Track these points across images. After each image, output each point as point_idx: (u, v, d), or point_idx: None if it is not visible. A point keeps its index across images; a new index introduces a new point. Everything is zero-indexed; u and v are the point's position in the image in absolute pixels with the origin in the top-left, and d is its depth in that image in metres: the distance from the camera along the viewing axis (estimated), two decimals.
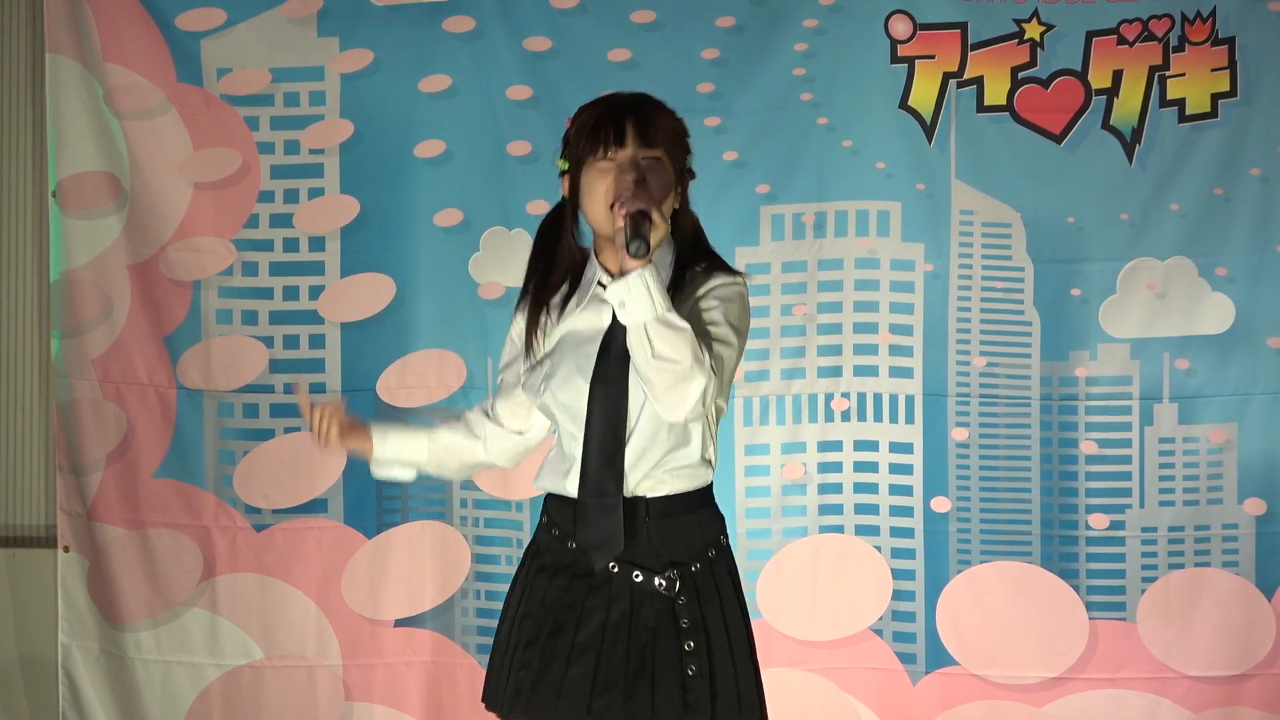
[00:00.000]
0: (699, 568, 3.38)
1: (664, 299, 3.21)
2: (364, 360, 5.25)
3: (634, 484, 3.35)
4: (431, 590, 5.26)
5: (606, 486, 3.33)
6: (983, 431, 5.20)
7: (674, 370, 3.22)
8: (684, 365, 3.21)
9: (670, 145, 3.35)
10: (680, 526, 3.38)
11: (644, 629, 3.32)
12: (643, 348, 3.22)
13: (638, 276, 3.20)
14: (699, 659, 3.34)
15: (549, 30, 5.19)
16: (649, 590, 3.34)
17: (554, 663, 3.33)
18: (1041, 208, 5.19)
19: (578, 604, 3.35)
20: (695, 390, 3.23)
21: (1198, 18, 5.13)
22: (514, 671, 3.38)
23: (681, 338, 3.21)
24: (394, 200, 5.24)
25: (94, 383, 5.26)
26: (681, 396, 3.23)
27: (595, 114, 3.36)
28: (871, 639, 5.21)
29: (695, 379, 3.22)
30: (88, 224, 5.26)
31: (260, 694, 5.28)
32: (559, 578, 3.38)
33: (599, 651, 3.32)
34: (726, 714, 3.36)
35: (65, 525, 5.29)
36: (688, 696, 3.32)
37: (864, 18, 5.17)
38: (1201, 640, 5.16)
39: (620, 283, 3.21)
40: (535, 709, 3.34)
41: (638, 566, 3.34)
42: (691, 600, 3.35)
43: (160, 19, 5.22)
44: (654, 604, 3.34)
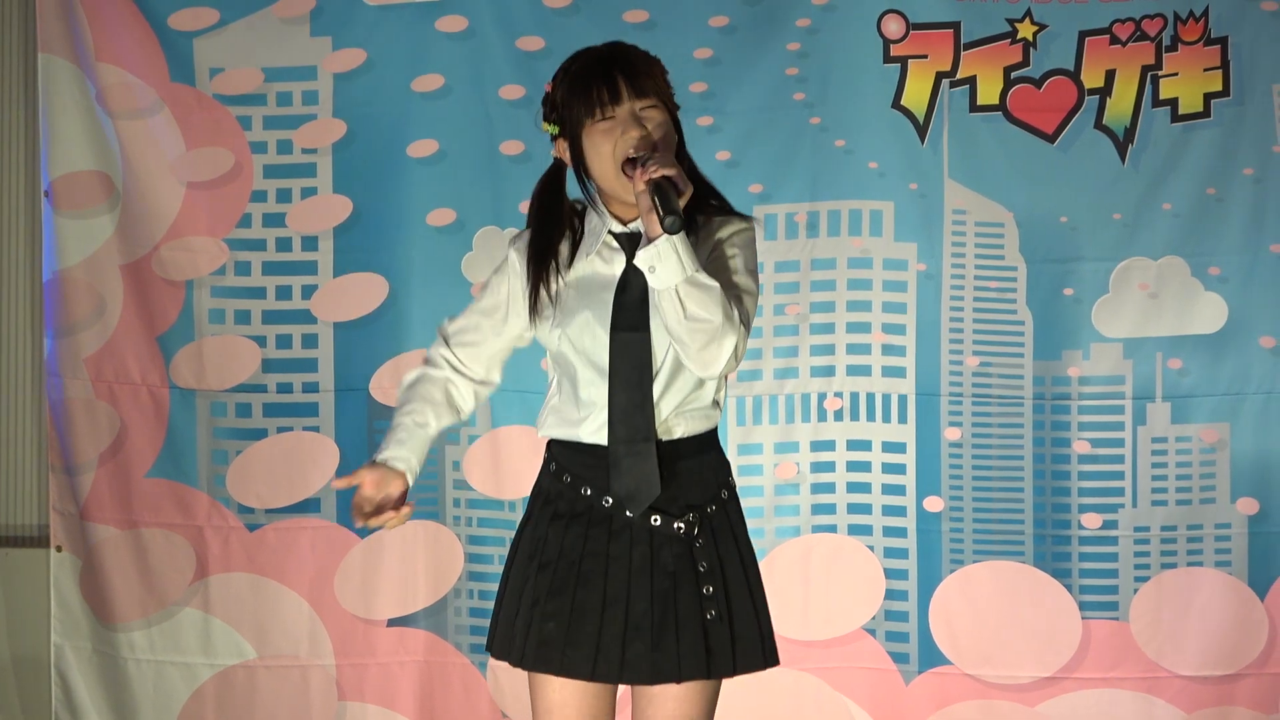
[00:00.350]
0: (714, 509, 3.39)
1: (692, 259, 3.22)
2: (357, 360, 5.25)
3: (666, 429, 3.36)
4: (424, 590, 5.26)
5: (640, 432, 3.33)
6: (975, 431, 5.21)
7: (707, 329, 3.23)
8: (716, 323, 3.22)
9: (661, 90, 3.35)
10: (694, 468, 3.38)
11: (664, 573, 3.33)
12: (675, 310, 3.23)
13: (666, 240, 3.20)
14: (718, 603, 3.34)
15: (541, 30, 5.19)
16: (667, 534, 3.34)
17: (586, 617, 3.33)
18: (1034, 207, 5.19)
19: (601, 553, 3.34)
20: (729, 346, 3.24)
21: (1190, 17, 5.14)
22: (538, 623, 3.36)
23: (712, 296, 3.22)
24: (387, 200, 5.24)
25: (87, 382, 5.25)
26: (716, 354, 3.25)
27: (581, 73, 3.33)
28: (864, 638, 5.21)
29: (728, 336, 3.24)
30: (80, 223, 5.26)
31: (253, 694, 5.28)
32: (575, 525, 3.37)
33: (626, 601, 3.32)
34: (747, 656, 3.37)
35: (58, 525, 5.28)
36: (709, 641, 3.32)
37: (857, 17, 5.17)
38: (1194, 640, 5.17)
39: (650, 249, 3.21)
40: (572, 666, 3.34)
41: (655, 510, 3.34)
42: (708, 542, 3.36)
43: (153, 18, 5.21)
44: (673, 548, 3.34)
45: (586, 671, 3.33)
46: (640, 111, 3.31)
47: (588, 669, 3.33)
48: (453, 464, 5.24)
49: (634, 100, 3.31)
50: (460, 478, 5.23)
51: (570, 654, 3.33)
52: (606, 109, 3.31)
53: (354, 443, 5.25)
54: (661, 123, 3.33)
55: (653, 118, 3.32)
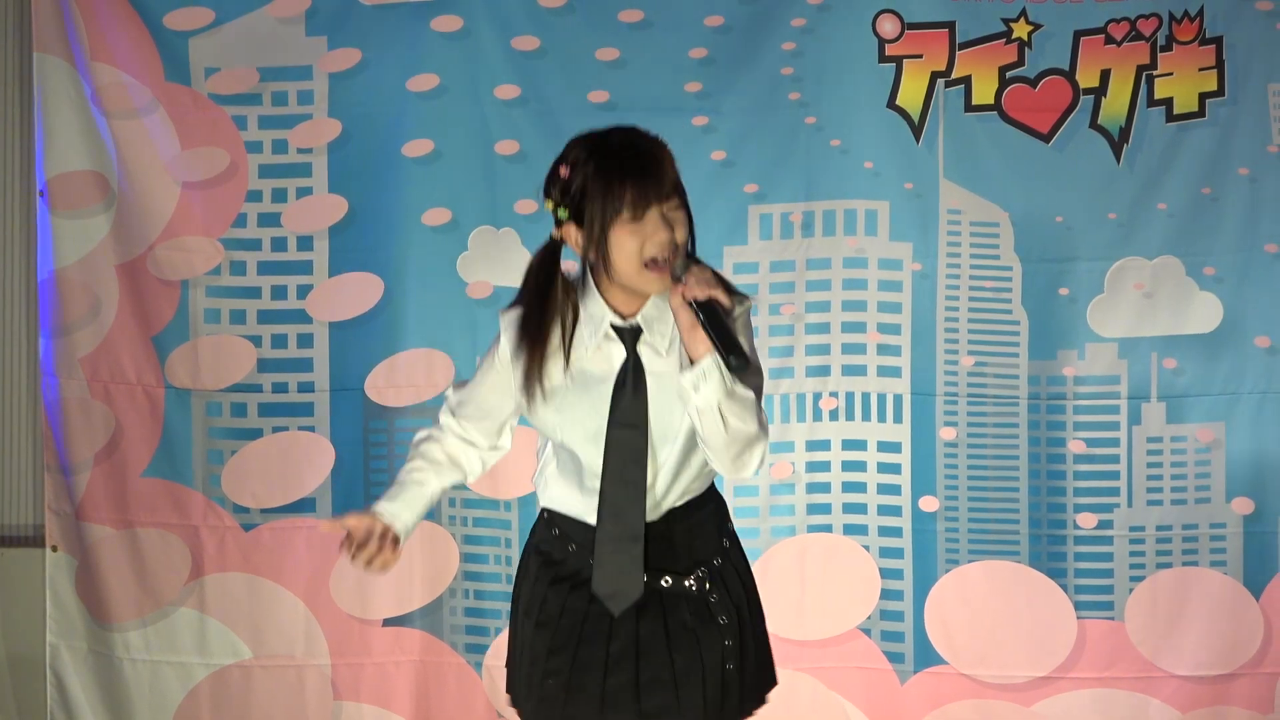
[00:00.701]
0: (720, 562, 3.42)
1: (731, 377, 3.22)
2: (352, 359, 5.25)
3: (664, 508, 3.38)
4: (420, 590, 5.26)
5: (628, 530, 3.34)
6: (971, 431, 5.21)
7: (744, 438, 3.26)
8: (752, 431, 3.26)
9: (680, 187, 3.32)
10: (698, 524, 3.41)
11: (683, 630, 3.35)
12: (716, 425, 3.24)
13: (711, 361, 3.21)
14: (734, 655, 3.38)
15: (537, 29, 5.18)
16: (680, 593, 3.37)
17: (590, 671, 3.35)
18: (1029, 207, 5.19)
19: (604, 615, 3.36)
20: (759, 452, 3.30)
21: (1185, 17, 5.14)
22: (541, 680, 3.38)
23: (748, 407, 3.26)
24: (382, 199, 5.24)
25: (82, 382, 5.25)
26: (748, 460, 3.29)
27: (609, 171, 3.27)
28: (860, 638, 5.21)
29: (760, 441, 3.29)
30: (75, 223, 5.25)
31: (249, 694, 5.28)
32: (582, 589, 3.38)
33: (636, 659, 3.34)
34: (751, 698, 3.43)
35: (53, 525, 5.28)
36: (724, 693, 3.36)
37: (852, 17, 5.17)
38: (1189, 639, 5.17)
39: (696, 370, 3.22)
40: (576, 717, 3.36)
41: (665, 572, 3.36)
42: (722, 595, 3.39)
43: (148, 18, 5.21)
44: (689, 605, 3.37)
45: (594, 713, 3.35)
46: (667, 213, 3.29)
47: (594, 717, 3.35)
48: None
49: (661, 203, 3.28)
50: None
51: (570, 709, 3.35)
52: (637, 210, 3.26)
53: (349, 442, 5.25)
54: (684, 221, 3.31)
55: (678, 219, 3.30)
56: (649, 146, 3.30)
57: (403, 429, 5.24)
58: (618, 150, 3.29)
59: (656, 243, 3.26)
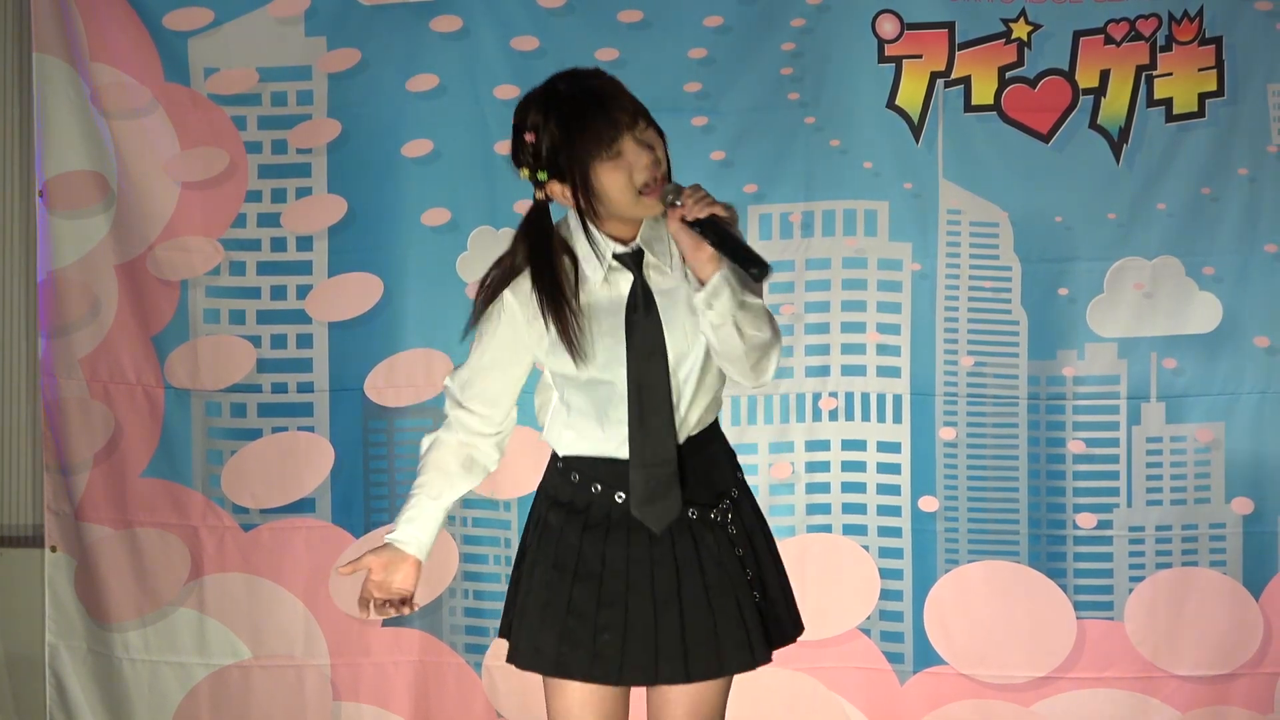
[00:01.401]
0: (737, 493, 3.46)
1: (739, 282, 3.27)
2: (351, 359, 5.25)
3: (685, 431, 3.40)
4: (420, 590, 5.24)
5: (662, 455, 3.36)
6: (970, 431, 5.21)
7: (761, 346, 3.31)
8: (767, 337, 3.31)
9: (640, 107, 3.36)
10: (713, 456, 3.45)
11: (712, 562, 3.37)
12: (733, 338, 3.28)
13: (720, 278, 3.26)
14: (758, 585, 3.41)
15: (536, 30, 5.19)
16: (705, 523, 3.39)
17: (638, 623, 3.35)
18: (1029, 207, 5.19)
19: (644, 559, 3.37)
20: (775, 356, 3.35)
21: (1185, 17, 5.14)
22: (596, 634, 3.36)
23: (760, 314, 3.31)
24: (382, 200, 5.24)
25: (81, 382, 5.25)
26: (766, 366, 3.34)
27: (572, 114, 3.31)
28: (859, 638, 5.21)
29: (775, 345, 3.35)
30: (75, 223, 5.25)
31: (248, 694, 5.28)
32: (615, 532, 3.39)
33: (680, 600, 3.36)
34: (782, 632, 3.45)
35: (53, 525, 5.28)
36: (765, 624, 3.39)
37: (851, 17, 5.17)
38: (1189, 640, 5.17)
39: (706, 290, 3.26)
40: (631, 675, 3.37)
41: (691, 504, 3.38)
42: (740, 528, 3.42)
43: (147, 18, 5.21)
44: (715, 534, 3.39)
45: (650, 676, 3.37)
46: (639, 136, 3.32)
47: (650, 674, 3.36)
48: None
49: (631, 130, 3.31)
50: None
51: (627, 665, 3.36)
52: (611, 146, 3.30)
53: (349, 442, 5.25)
54: (657, 138, 3.35)
55: (650, 138, 3.34)
56: (597, 84, 3.35)
57: (402, 429, 5.24)
58: (570, 97, 3.32)
59: (642, 168, 3.30)
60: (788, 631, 3.47)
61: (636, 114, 3.33)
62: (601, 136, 3.29)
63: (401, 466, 5.25)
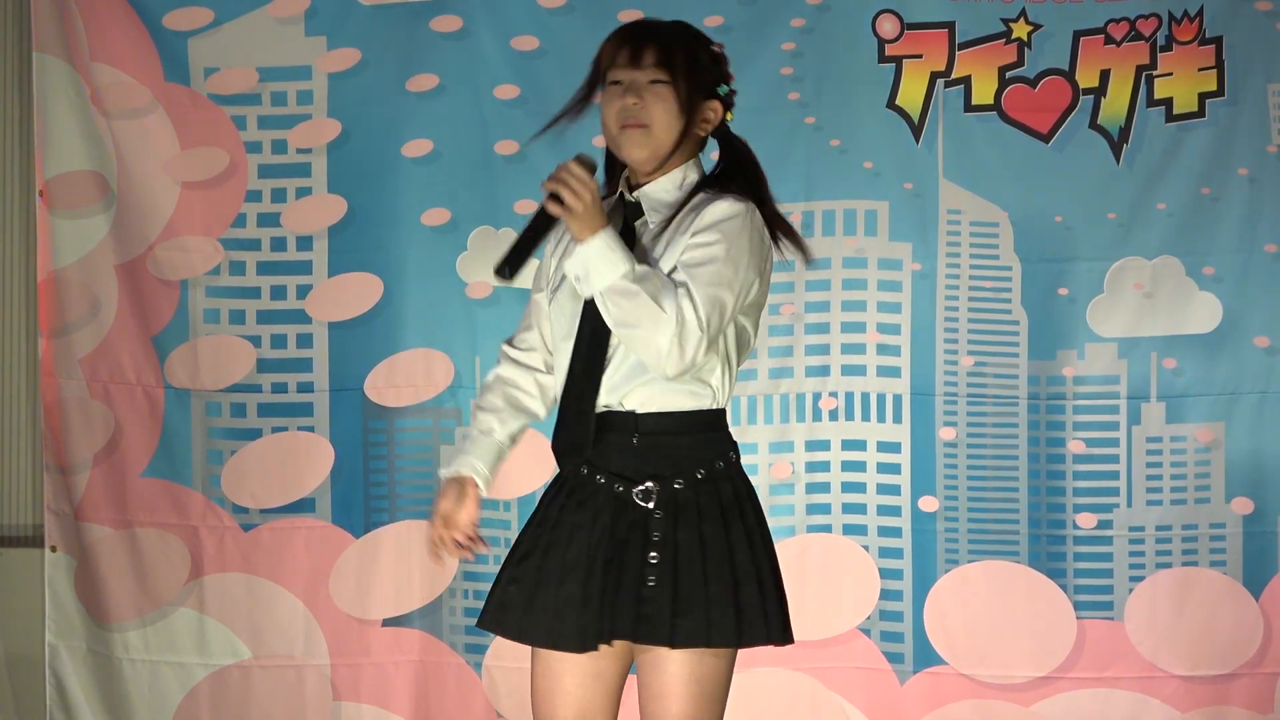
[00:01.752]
0: (681, 485, 3.34)
1: (611, 268, 3.23)
2: (351, 360, 5.25)
3: (621, 395, 3.34)
4: (419, 590, 5.26)
5: (584, 393, 3.34)
6: (970, 431, 5.20)
7: (635, 333, 3.24)
8: (640, 328, 3.23)
9: (679, 71, 3.34)
10: (671, 444, 3.35)
11: (616, 541, 3.32)
12: (605, 315, 3.25)
13: (580, 251, 3.25)
14: (660, 572, 3.29)
15: (536, 29, 5.18)
16: (626, 501, 3.33)
17: (544, 582, 3.34)
18: (1029, 207, 5.19)
19: (567, 521, 3.36)
20: (663, 347, 3.23)
21: (1185, 17, 5.14)
22: (504, 584, 3.38)
23: (636, 301, 3.23)
24: (381, 200, 5.24)
25: (81, 382, 5.25)
26: (653, 354, 3.24)
27: (616, 35, 3.38)
28: (859, 638, 5.21)
29: (658, 337, 3.23)
30: (75, 223, 5.25)
31: (248, 694, 5.28)
32: (562, 493, 3.38)
33: (586, 568, 3.32)
34: (691, 632, 3.30)
35: (52, 525, 5.28)
36: (641, 607, 3.29)
37: (851, 17, 5.17)
38: (1189, 640, 5.16)
39: (574, 260, 3.26)
40: (530, 632, 3.35)
41: (620, 478, 3.33)
42: (668, 518, 3.32)
43: (147, 18, 5.21)
44: (629, 515, 3.33)
45: (543, 639, 3.34)
46: (651, 82, 3.33)
47: (544, 636, 3.34)
48: None
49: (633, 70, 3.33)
50: None
51: (526, 621, 3.35)
52: (618, 71, 3.34)
53: (349, 442, 5.25)
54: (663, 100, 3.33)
55: (658, 92, 3.33)
56: (666, 26, 3.39)
57: (402, 429, 5.24)
58: (635, 23, 3.42)
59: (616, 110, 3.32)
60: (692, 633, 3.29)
61: (655, 63, 3.33)
62: (615, 58, 3.34)
63: (401, 466, 5.25)
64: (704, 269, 3.29)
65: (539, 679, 3.40)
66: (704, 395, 3.38)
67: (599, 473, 3.35)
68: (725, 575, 3.33)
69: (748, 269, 3.35)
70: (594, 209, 3.25)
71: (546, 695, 3.40)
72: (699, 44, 3.41)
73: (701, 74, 3.38)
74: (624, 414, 3.35)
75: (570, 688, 3.39)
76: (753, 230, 3.37)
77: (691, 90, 3.36)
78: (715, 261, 3.30)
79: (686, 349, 3.24)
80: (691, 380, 3.35)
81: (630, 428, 3.35)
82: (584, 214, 3.24)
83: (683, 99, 3.35)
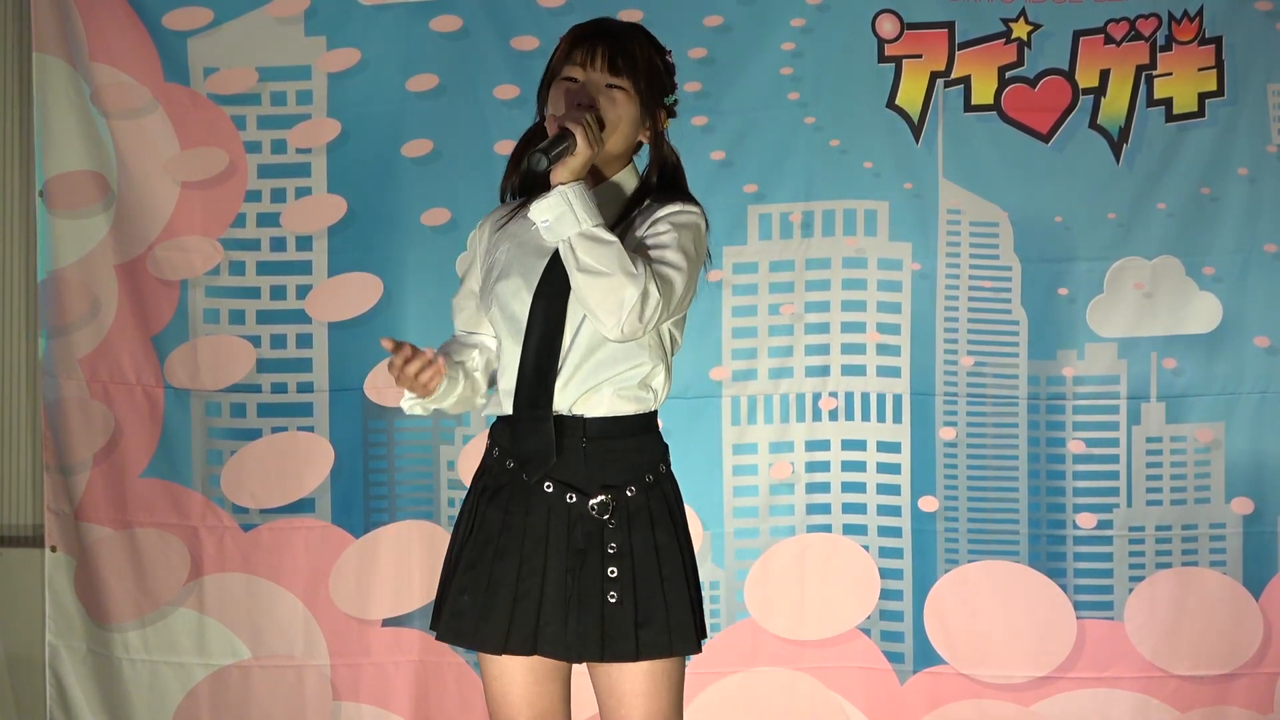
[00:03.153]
0: (633, 492, 3.38)
1: (589, 215, 3.25)
2: (351, 360, 5.25)
3: (570, 400, 3.36)
4: (419, 590, 5.26)
5: (539, 399, 3.35)
6: (970, 431, 5.21)
7: (602, 282, 3.24)
8: (612, 277, 3.23)
9: (640, 78, 3.37)
10: (617, 450, 3.38)
11: (574, 552, 3.34)
12: (570, 261, 3.26)
13: (559, 193, 3.25)
14: (621, 586, 3.34)
15: (536, 29, 5.19)
16: (581, 512, 3.35)
17: (500, 591, 3.35)
18: (1029, 207, 5.19)
19: (518, 527, 3.37)
20: (628, 300, 3.24)
21: (1185, 17, 5.14)
22: (454, 595, 3.39)
23: (608, 250, 3.24)
24: (381, 199, 5.24)
25: (81, 382, 5.25)
26: (614, 307, 3.24)
27: (575, 34, 3.41)
28: (859, 638, 5.21)
29: (626, 289, 3.24)
30: (75, 223, 5.25)
31: (248, 694, 5.28)
32: (499, 497, 3.39)
33: (542, 575, 3.34)
34: (653, 642, 3.35)
35: (52, 525, 5.28)
36: (605, 625, 3.33)
37: (851, 17, 5.17)
38: (1189, 639, 5.17)
39: (543, 201, 3.27)
40: (484, 639, 3.37)
41: (572, 488, 3.35)
42: (621, 525, 3.36)
43: (147, 18, 5.21)
44: (584, 526, 3.35)
45: (499, 645, 3.35)
46: (607, 85, 3.37)
47: (499, 642, 3.35)
48: (447, 464, 5.25)
49: (607, 74, 3.37)
50: (455, 477, 5.23)
51: (482, 627, 3.36)
52: (575, 70, 3.38)
53: (349, 442, 5.25)
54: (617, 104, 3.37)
55: (613, 96, 3.37)
56: (624, 28, 3.43)
57: (402, 429, 5.25)
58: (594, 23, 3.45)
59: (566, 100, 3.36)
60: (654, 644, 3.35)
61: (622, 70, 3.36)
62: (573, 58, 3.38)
63: (401, 466, 5.26)
64: (661, 252, 3.32)
65: (492, 682, 3.44)
66: (647, 399, 3.42)
67: (546, 480, 3.36)
68: (680, 582, 3.39)
69: (694, 267, 3.38)
70: (587, 165, 3.29)
71: (502, 698, 3.44)
72: (656, 51, 3.45)
73: (657, 82, 3.42)
74: (572, 419, 3.37)
75: (525, 688, 3.42)
76: (701, 236, 3.41)
77: (650, 98, 3.41)
78: (669, 248, 3.34)
79: (646, 310, 3.26)
80: (638, 387, 3.38)
81: (579, 433, 3.37)
82: (580, 164, 3.28)
83: (640, 107, 3.39)
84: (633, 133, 3.41)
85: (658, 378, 3.42)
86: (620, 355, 3.38)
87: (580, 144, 3.26)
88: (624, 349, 3.37)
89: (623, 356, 3.38)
